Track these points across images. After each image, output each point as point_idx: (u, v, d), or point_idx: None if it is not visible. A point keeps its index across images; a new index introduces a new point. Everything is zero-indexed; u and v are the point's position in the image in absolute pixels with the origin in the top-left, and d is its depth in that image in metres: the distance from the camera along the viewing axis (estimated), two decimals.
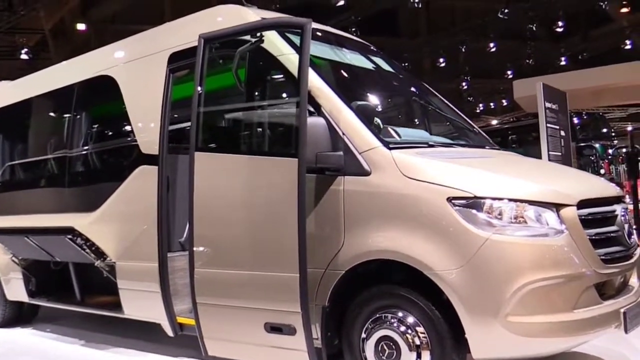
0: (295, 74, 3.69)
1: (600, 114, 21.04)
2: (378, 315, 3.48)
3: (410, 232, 3.31)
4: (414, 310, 3.36)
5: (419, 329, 3.34)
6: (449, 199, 3.22)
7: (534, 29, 18.49)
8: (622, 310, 3.29)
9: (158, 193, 4.53)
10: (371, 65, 4.88)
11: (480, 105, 29.43)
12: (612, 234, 3.52)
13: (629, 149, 12.13)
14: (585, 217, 3.32)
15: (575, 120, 15.83)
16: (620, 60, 18.38)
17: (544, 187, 3.40)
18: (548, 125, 8.16)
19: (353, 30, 15.18)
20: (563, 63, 21.51)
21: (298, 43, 3.70)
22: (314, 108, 3.67)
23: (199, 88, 4.05)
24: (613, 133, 19.38)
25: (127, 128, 4.98)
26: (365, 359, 3.52)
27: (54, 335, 6.02)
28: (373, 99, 4.43)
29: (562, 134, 8.63)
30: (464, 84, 24.48)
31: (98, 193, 5.09)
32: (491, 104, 30.03)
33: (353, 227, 3.51)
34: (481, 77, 25.09)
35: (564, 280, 3.15)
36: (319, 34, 4.57)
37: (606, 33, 21.86)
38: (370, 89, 4.62)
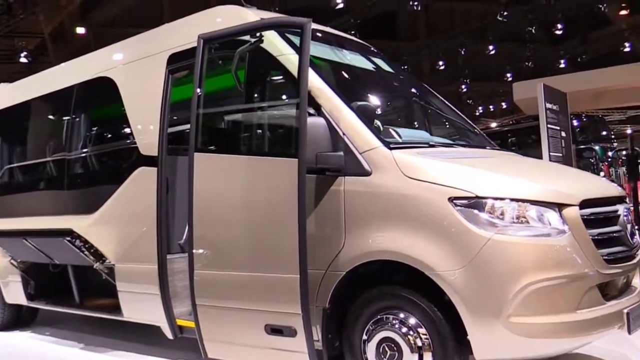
0: (295, 74, 3.67)
1: (600, 116, 21.05)
2: (379, 316, 3.45)
3: (412, 233, 3.29)
4: (416, 312, 3.33)
5: (421, 330, 3.31)
6: (451, 199, 3.20)
7: (533, 32, 18.51)
8: (625, 311, 3.27)
9: (157, 195, 4.51)
10: (371, 66, 4.87)
11: (480, 108, 29.49)
12: (615, 234, 3.49)
13: (628, 151, 12.13)
14: (587, 217, 3.30)
15: (574, 122, 15.81)
16: (619, 62, 18.44)
17: (546, 187, 3.38)
18: (549, 126, 8.16)
19: (352, 33, 15.16)
20: (562, 65, 21.56)
21: (298, 43, 3.68)
22: (314, 108, 3.64)
23: (199, 89, 4.03)
24: (613, 135, 19.39)
25: (126, 129, 4.96)
26: None
27: (53, 338, 6.00)
28: (373, 100, 4.42)
29: (563, 134, 8.63)
30: (463, 86, 24.54)
31: (97, 195, 5.07)
32: (491, 107, 30.08)
33: (354, 228, 3.49)
34: (480, 80, 25.11)
35: (566, 281, 3.12)
36: (318, 34, 4.56)
37: (605, 35, 21.93)
38: (370, 89, 4.61)
